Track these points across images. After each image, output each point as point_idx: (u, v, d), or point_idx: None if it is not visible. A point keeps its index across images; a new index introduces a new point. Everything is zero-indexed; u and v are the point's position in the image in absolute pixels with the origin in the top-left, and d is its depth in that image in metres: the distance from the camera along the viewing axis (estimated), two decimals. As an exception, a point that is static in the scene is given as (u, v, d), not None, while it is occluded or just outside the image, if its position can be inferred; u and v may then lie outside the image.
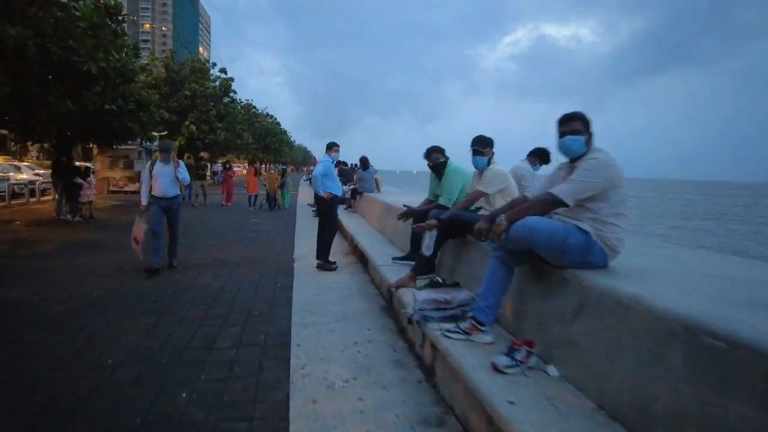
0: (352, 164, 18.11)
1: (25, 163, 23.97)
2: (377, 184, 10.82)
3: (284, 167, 16.08)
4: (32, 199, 16.40)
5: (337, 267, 6.44)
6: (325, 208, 6.55)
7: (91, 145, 15.83)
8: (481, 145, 3.72)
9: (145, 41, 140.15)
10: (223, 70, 30.80)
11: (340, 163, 15.64)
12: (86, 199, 11.38)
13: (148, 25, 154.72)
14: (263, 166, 39.98)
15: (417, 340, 3.43)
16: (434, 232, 3.70)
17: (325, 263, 6.42)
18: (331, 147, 6.54)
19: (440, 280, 3.65)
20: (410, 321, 3.18)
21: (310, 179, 36.40)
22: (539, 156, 5.33)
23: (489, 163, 3.76)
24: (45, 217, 11.77)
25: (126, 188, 21.26)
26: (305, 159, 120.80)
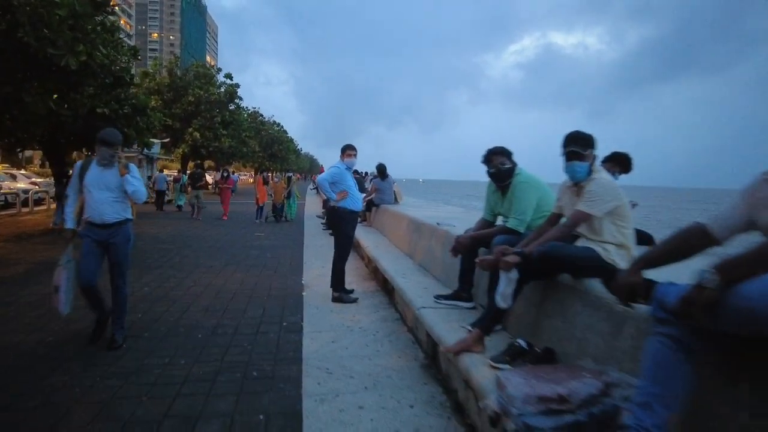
0: (363, 172, 17.03)
1: (22, 172, 23.09)
2: (396, 196, 9.63)
3: (290, 175, 14.86)
4: (24, 209, 15.43)
5: (356, 299, 5.27)
6: (335, 221, 5.42)
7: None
8: (581, 145, 2.55)
9: (153, 50, 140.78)
10: (229, 76, 29.94)
11: (354, 172, 14.55)
12: None
13: (156, 35, 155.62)
14: (271, 174, 38.89)
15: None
16: (514, 274, 2.51)
17: (341, 294, 5.25)
18: (345, 151, 5.38)
19: (524, 344, 2.47)
20: (495, 421, 2.00)
21: (316, 188, 35.47)
22: (620, 162, 4.15)
23: (590, 171, 2.58)
24: (31, 231, 10.71)
25: (125, 198, 20.28)
26: (311, 167, 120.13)
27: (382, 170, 9.93)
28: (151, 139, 24.82)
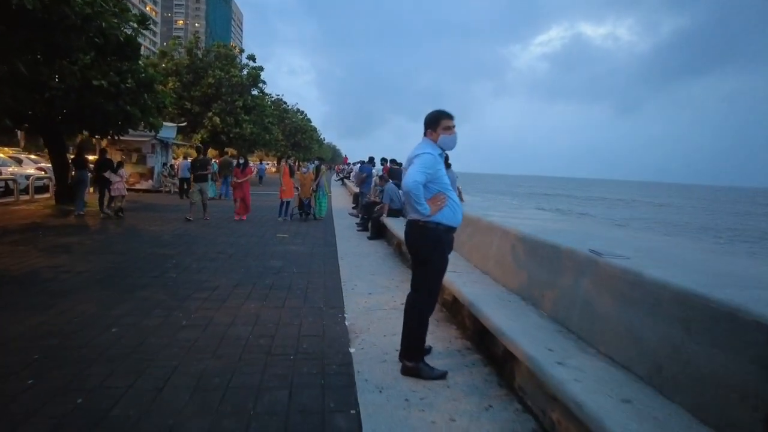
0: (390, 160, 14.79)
1: (31, 156, 21.70)
2: (459, 195, 7.47)
3: (318, 163, 12.47)
4: (24, 197, 13.85)
5: (445, 374, 3.17)
6: (420, 245, 3.18)
7: (87, 135, 13.04)
8: None
9: (178, 38, 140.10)
10: (252, 57, 28.04)
11: (391, 162, 12.42)
12: (117, 194, 10.74)
13: (181, 22, 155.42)
14: (297, 163, 36.57)
15: None
16: None
17: (419, 366, 3.15)
18: (439, 122, 3.10)
19: None
20: None
21: (342, 179, 33.14)
22: None
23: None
24: (19, 223, 8.95)
25: (137, 185, 18.68)
26: (334, 157, 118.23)
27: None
28: (166, 123, 23.21)
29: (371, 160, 13.50)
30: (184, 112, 25.28)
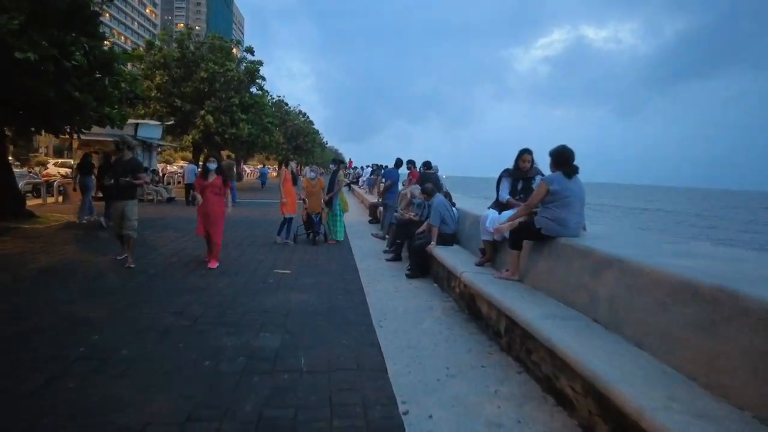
0: (384, 166, 11.69)
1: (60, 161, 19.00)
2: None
3: (335, 166, 9.24)
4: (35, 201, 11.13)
5: None
6: None
7: (41, 133, 10.27)
8: None
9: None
10: (250, 50, 25.31)
11: (423, 166, 9.59)
12: None
13: (181, 25, 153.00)
14: (299, 166, 33.64)
15: None
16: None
17: None
18: None
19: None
20: None
21: (348, 185, 30.18)
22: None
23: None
24: None
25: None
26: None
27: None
28: (150, 121, 20.42)
29: (398, 163, 10.56)
30: (174, 110, 22.53)
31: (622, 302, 2.94)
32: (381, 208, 10.39)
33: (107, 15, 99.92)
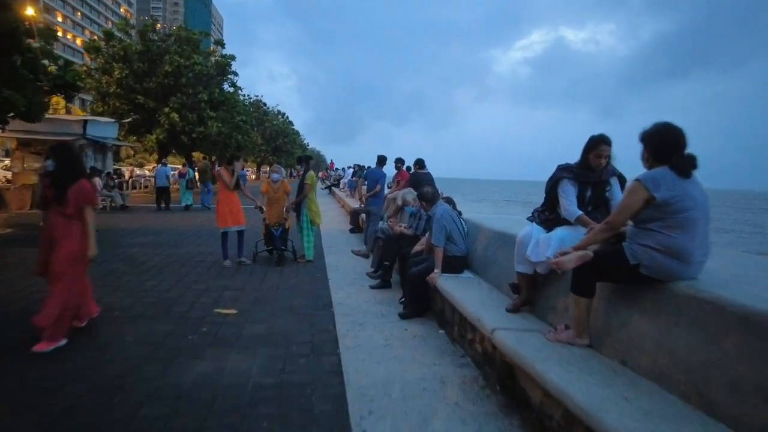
0: (367, 166, 9.93)
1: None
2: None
3: (302, 166, 7.51)
4: None
5: None
6: None
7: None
8: None
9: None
10: (220, 43, 23.37)
11: (415, 165, 7.84)
12: None
13: (159, 25, 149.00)
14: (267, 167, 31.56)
15: None
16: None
17: None
18: None
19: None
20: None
21: (329, 187, 28.18)
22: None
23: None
24: None
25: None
26: (318, 164, 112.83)
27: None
28: (104, 118, 18.28)
29: (382, 160, 8.58)
30: (136, 108, 20.44)
31: None
32: (363, 216, 8.65)
33: (78, 14, 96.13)
